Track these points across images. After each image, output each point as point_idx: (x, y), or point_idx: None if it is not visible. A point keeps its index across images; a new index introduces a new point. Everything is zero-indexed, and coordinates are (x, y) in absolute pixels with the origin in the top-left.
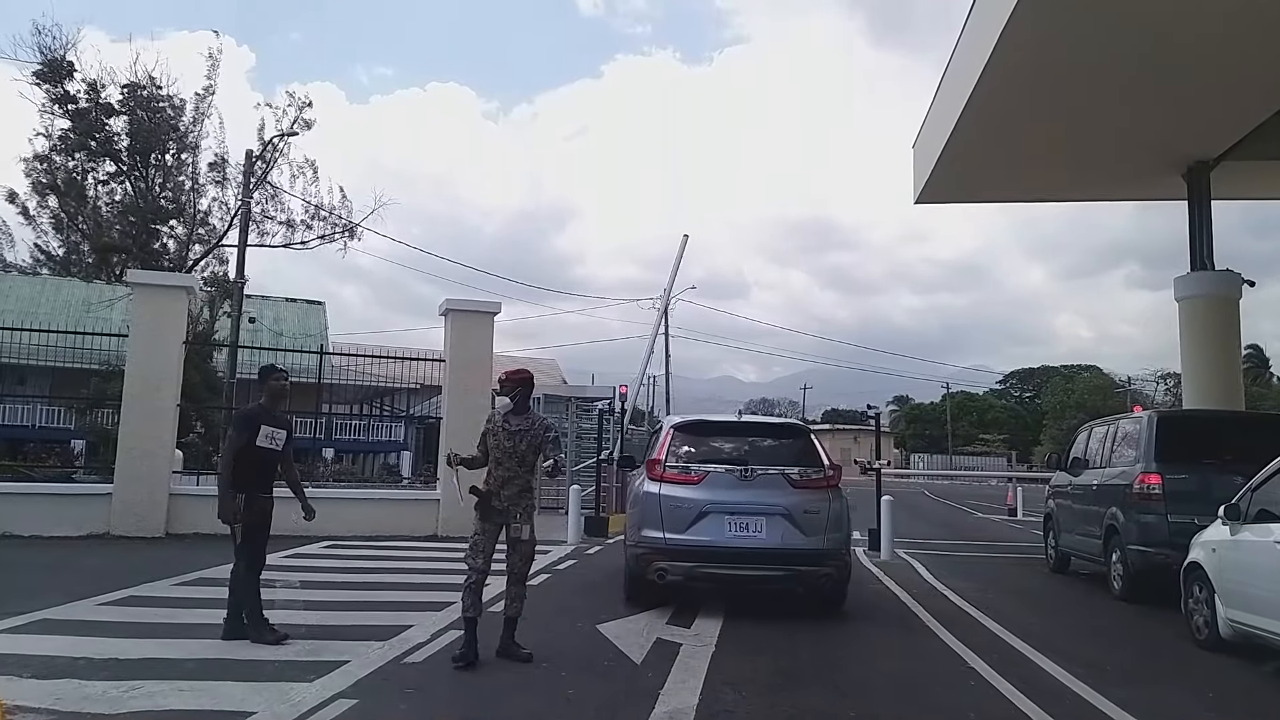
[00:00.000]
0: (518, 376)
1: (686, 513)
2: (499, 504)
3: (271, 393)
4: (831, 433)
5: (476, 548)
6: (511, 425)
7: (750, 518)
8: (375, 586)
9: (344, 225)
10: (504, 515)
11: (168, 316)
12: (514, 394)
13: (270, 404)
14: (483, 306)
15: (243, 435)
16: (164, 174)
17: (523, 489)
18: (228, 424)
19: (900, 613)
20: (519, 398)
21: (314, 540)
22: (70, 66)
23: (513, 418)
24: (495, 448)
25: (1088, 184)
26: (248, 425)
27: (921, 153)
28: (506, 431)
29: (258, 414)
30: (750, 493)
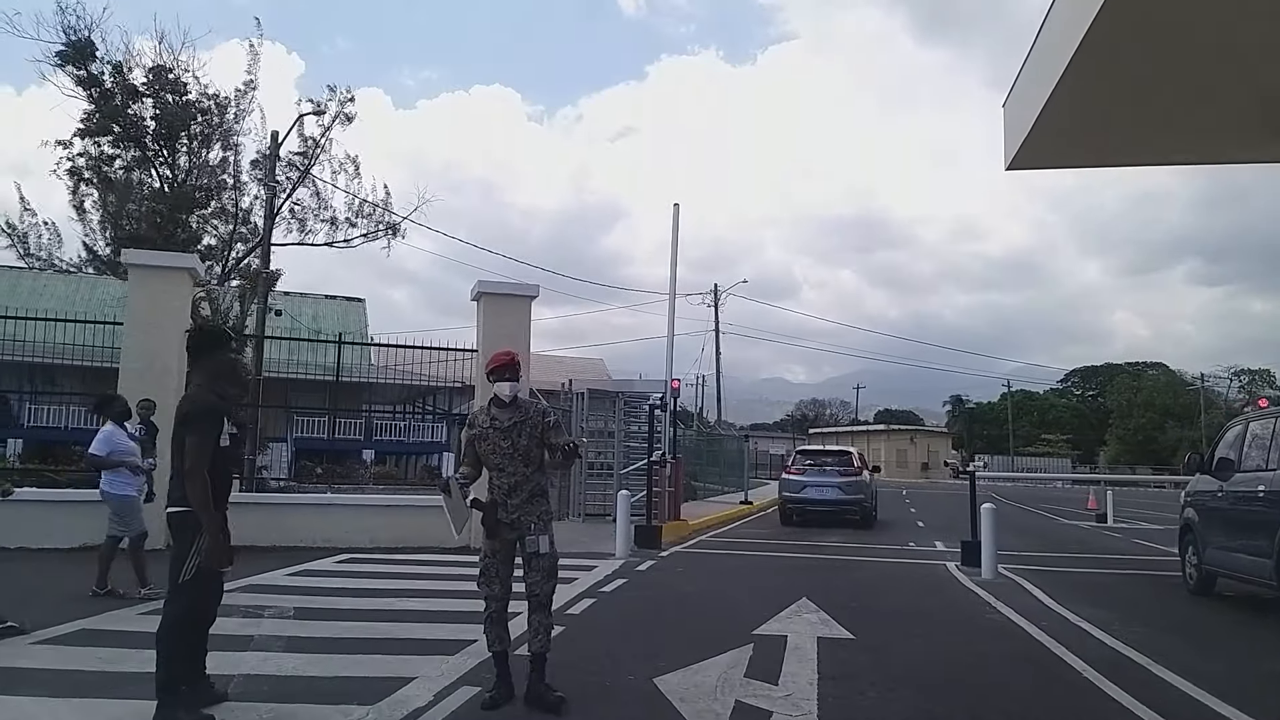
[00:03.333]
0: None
1: (798, 485)
2: (506, 515)
3: (221, 372)
4: (886, 434)
5: (489, 573)
6: (502, 421)
7: (824, 486)
8: (382, 617)
9: (387, 223)
10: (516, 528)
11: (167, 301)
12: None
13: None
14: (519, 289)
15: (214, 434)
16: (191, 159)
17: (534, 493)
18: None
19: (1042, 658)
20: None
21: (330, 553)
22: (93, 47)
23: (500, 412)
24: (491, 452)
25: (1208, 143)
26: (219, 422)
27: (1015, 113)
28: (498, 429)
29: (220, 406)
30: (823, 476)
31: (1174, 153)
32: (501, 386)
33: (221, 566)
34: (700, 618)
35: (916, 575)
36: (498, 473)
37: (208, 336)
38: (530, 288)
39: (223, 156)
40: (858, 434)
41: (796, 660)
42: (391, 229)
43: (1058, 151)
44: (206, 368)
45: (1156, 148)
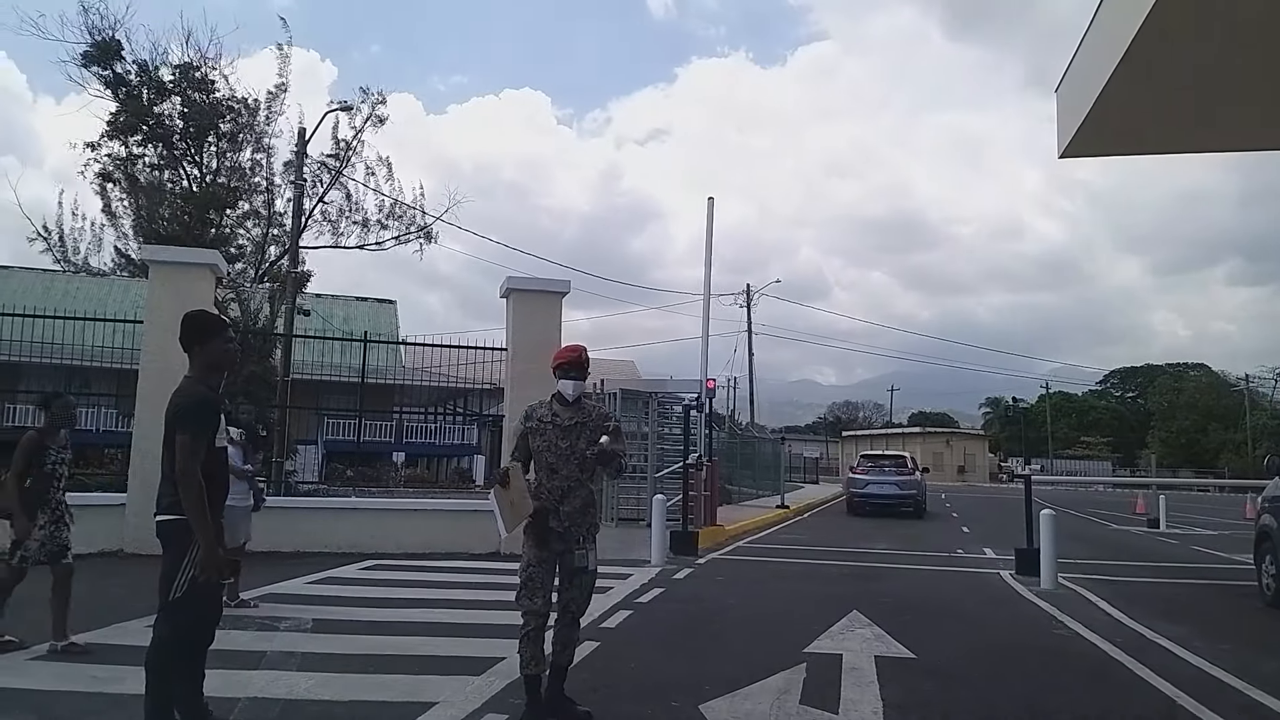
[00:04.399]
0: (583, 356)
1: (863, 482)
2: (558, 524)
3: (214, 361)
4: (921, 437)
5: (533, 583)
6: (564, 419)
7: (884, 484)
8: (404, 629)
9: (419, 225)
10: (565, 539)
11: (189, 298)
12: (586, 378)
13: (219, 376)
14: (549, 285)
15: (206, 431)
16: (219, 159)
17: (586, 503)
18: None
19: (1126, 680)
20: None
21: (355, 559)
22: (119, 46)
23: (562, 409)
24: (546, 449)
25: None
26: (213, 418)
27: (1069, 99)
28: (558, 427)
29: (214, 400)
30: (883, 475)
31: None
32: (565, 384)
33: (219, 578)
34: (745, 633)
35: (970, 585)
36: (549, 473)
37: (198, 323)
38: (561, 283)
39: (254, 159)
40: (892, 436)
41: (856, 684)
42: (423, 231)
43: (1113, 139)
44: (199, 358)
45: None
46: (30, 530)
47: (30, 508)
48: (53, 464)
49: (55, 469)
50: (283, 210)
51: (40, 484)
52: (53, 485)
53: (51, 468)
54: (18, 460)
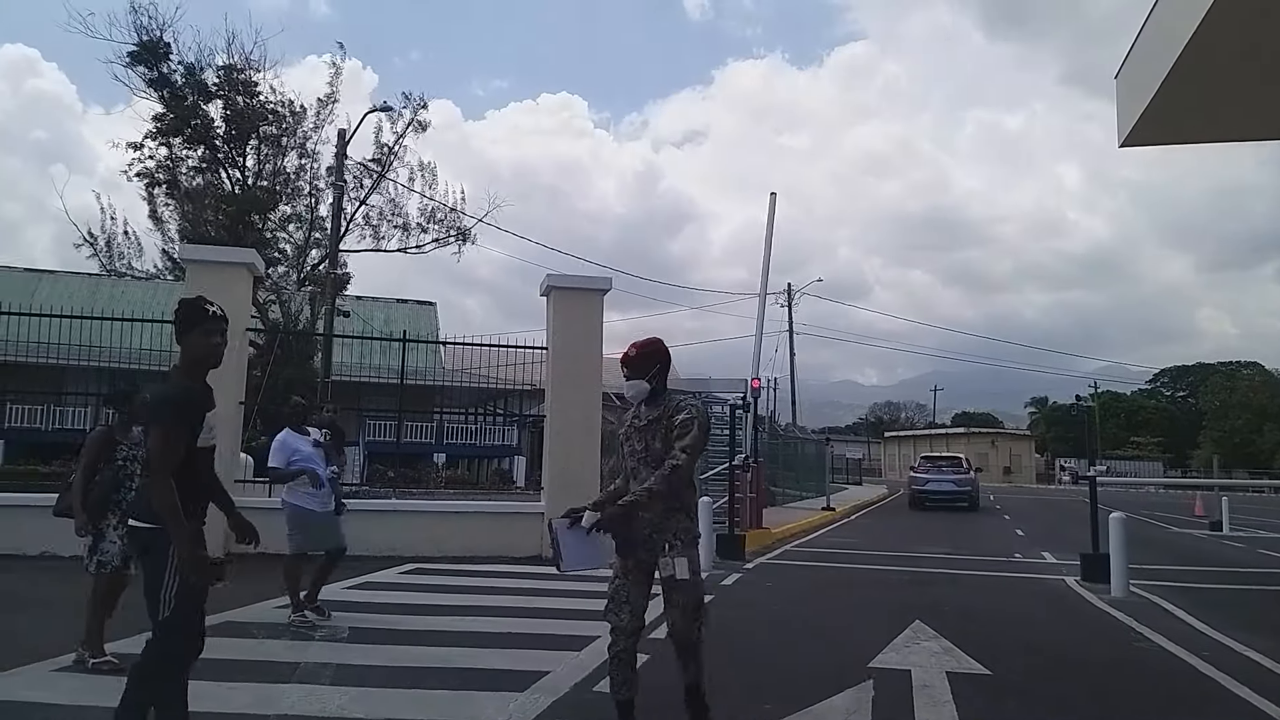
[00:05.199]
0: (649, 349)
1: (924, 480)
2: (638, 530)
3: (196, 354)
4: (966, 437)
5: (617, 597)
6: (643, 418)
7: (942, 481)
8: (445, 639)
9: (458, 228)
10: (650, 546)
11: (226, 298)
12: (651, 374)
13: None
14: (590, 283)
15: (184, 429)
16: (260, 161)
17: (670, 507)
18: None
19: (1227, 702)
20: (657, 378)
21: (396, 563)
22: (166, 48)
23: (644, 408)
24: (628, 454)
25: None
26: (191, 413)
27: (1130, 86)
28: (636, 428)
29: (196, 395)
30: (941, 474)
31: None
32: (626, 385)
33: (206, 581)
34: (803, 644)
35: (1034, 592)
36: (632, 478)
37: (181, 312)
38: (602, 281)
39: (300, 164)
40: (936, 437)
41: (929, 703)
42: (462, 234)
43: (1177, 126)
44: (184, 351)
45: None
46: (86, 527)
47: (96, 507)
48: (123, 461)
49: (126, 467)
50: (325, 215)
51: (108, 483)
52: (123, 485)
53: (122, 464)
54: (85, 455)
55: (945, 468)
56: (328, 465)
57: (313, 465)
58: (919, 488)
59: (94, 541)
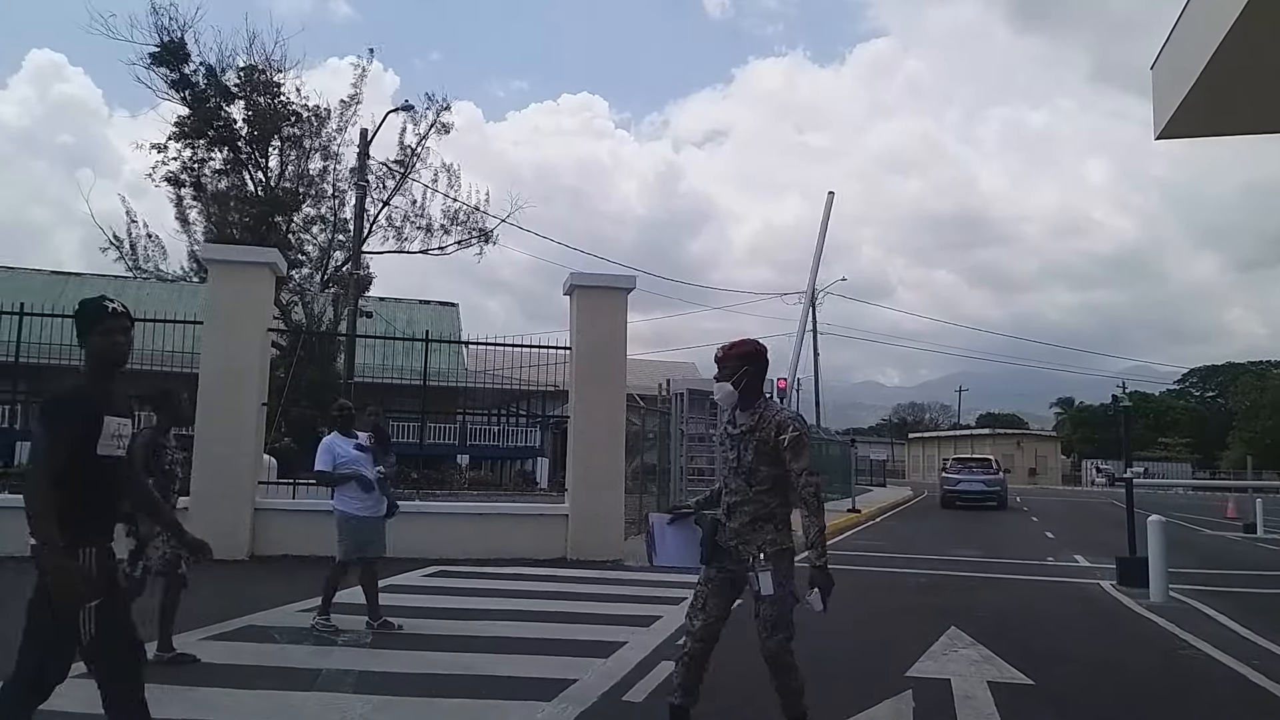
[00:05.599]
0: (738, 350)
1: (955, 480)
2: (723, 539)
3: (96, 352)
4: (991, 438)
5: (695, 602)
6: (736, 425)
7: (972, 481)
8: (469, 645)
9: (481, 230)
10: (737, 557)
11: (248, 298)
12: (737, 376)
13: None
14: (614, 281)
15: (66, 435)
16: (283, 162)
17: (756, 517)
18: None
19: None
20: (745, 381)
21: (420, 565)
22: (185, 49)
23: (738, 414)
24: (721, 461)
25: None
26: (75, 415)
27: (1167, 75)
28: (729, 435)
29: (91, 396)
30: (971, 474)
31: None
32: (715, 387)
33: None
34: (836, 652)
35: (1070, 597)
36: (725, 488)
37: (78, 311)
38: (626, 279)
39: (323, 166)
40: (961, 438)
41: (972, 715)
42: (484, 235)
43: (1217, 117)
44: (86, 352)
45: None
46: (154, 533)
47: None
48: (170, 464)
49: (173, 469)
50: (348, 217)
51: (160, 486)
52: (171, 488)
53: (169, 468)
54: (135, 459)
55: (975, 468)
56: (375, 467)
57: (360, 469)
58: (950, 487)
59: (139, 546)
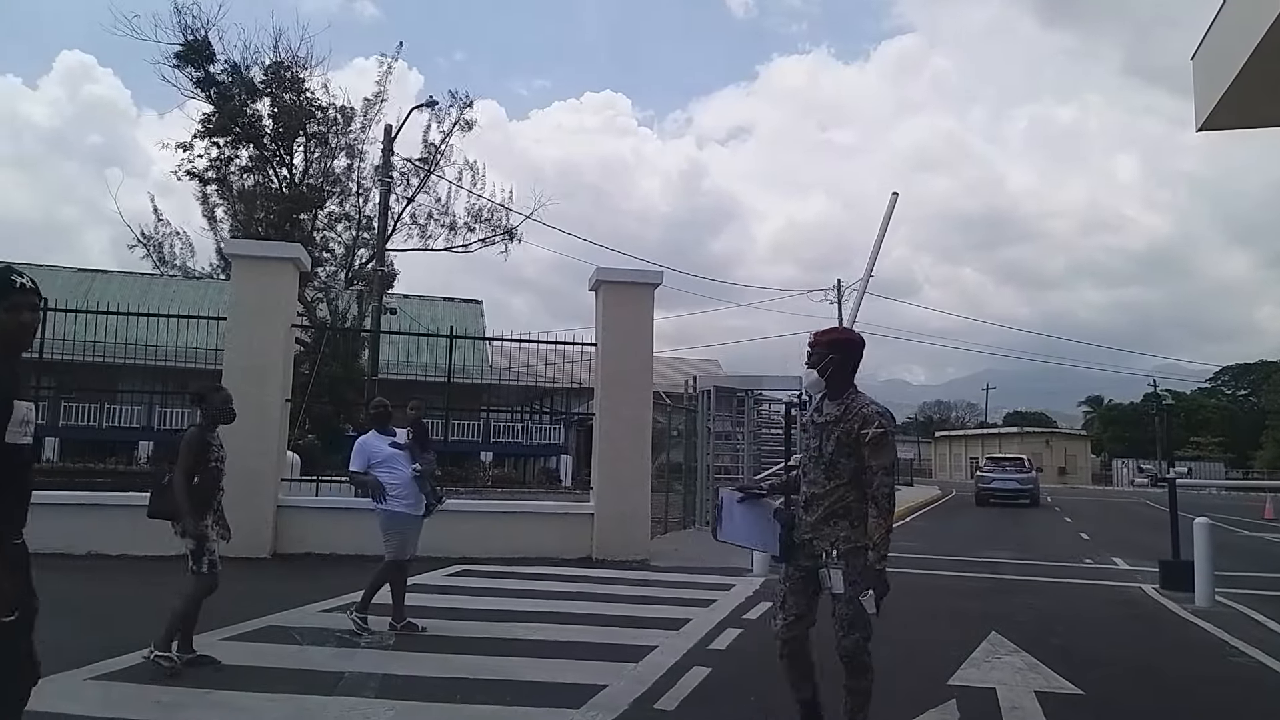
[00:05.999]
0: (828, 337)
1: (989, 479)
2: (799, 533)
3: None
4: (1019, 437)
5: (777, 601)
6: (822, 414)
7: (1006, 479)
8: (493, 648)
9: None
10: (810, 552)
11: (272, 293)
12: (824, 364)
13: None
14: (640, 277)
15: None
16: (307, 158)
17: (831, 512)
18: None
19: None
20: (831, 370)
21: (443, 564)
22: (209, 48)
23: (826, 404)
24: (803, 449)
25: None
26: None
27: (1209, 67)
28: (815, 423)
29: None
30: (1005, 473)
31: None
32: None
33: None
34: (877, 659)
35: (1112, 600)
36: (804, 478)
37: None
38: (653, 274)
39: (348, 164)
40: (988, 437)
41: None
42: (508, 233)
43: (1261, 108)
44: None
45: None
46: (199, 528)
47: (200, 508)
48: (216, 461)
49: (219, 467)
50: (373, 215)
51: (207, 483)
52: (218, 485)
53: (215, 465)
54: (185, 457)
55: (1009, 467)
56: (411, 464)
57: (390, 469)
58: (985, 485)
59: (199, 543)
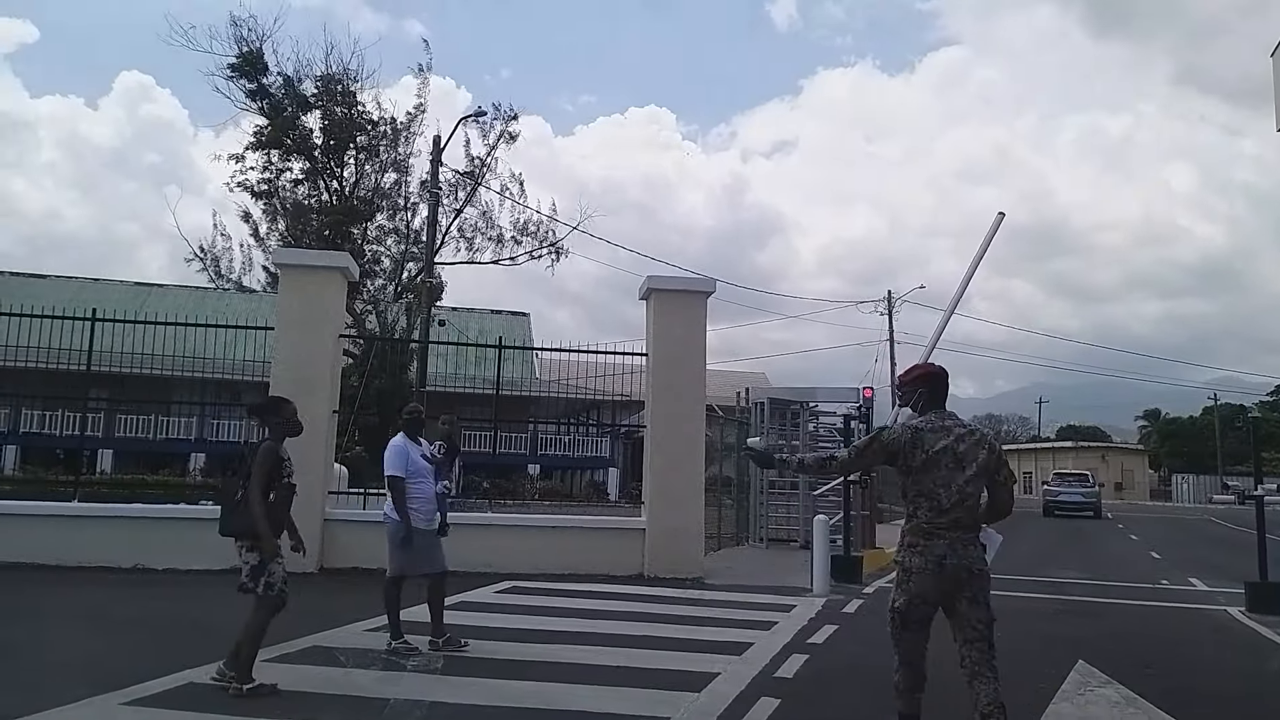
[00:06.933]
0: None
1: (1056, 492)
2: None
3: None
4: (1074, 451)
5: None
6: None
7: (1071, 493)
8: (548, 673)
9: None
10: None
11: (320, 303)
12: (914, 399)
13: None
14: (693, 284)
15: None
16: (358, 171)
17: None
18: None
19: None
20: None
21: (493, 580)
22: (263, 61)
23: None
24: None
25: None
26: None
27: None
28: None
29: None
30: (1070, 487)
31: None
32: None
33: None
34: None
35: (1198, 624)
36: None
37: None
38: (706, 282)
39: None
40: (1042, 451)
41: None
42: (554, 246)
43: None
44: None
45: None
46: (277, 549)
47: (277, 525)
48: (288, 477)
49: (292, 483)
50: (420, 228)
51: (281, 500)
52: (292, 499)
53: (288, 481)
54: (259, 473)
55: (1074, 482)
56: (438, 481)
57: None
58: (1052, 498)
59: (260, 562)
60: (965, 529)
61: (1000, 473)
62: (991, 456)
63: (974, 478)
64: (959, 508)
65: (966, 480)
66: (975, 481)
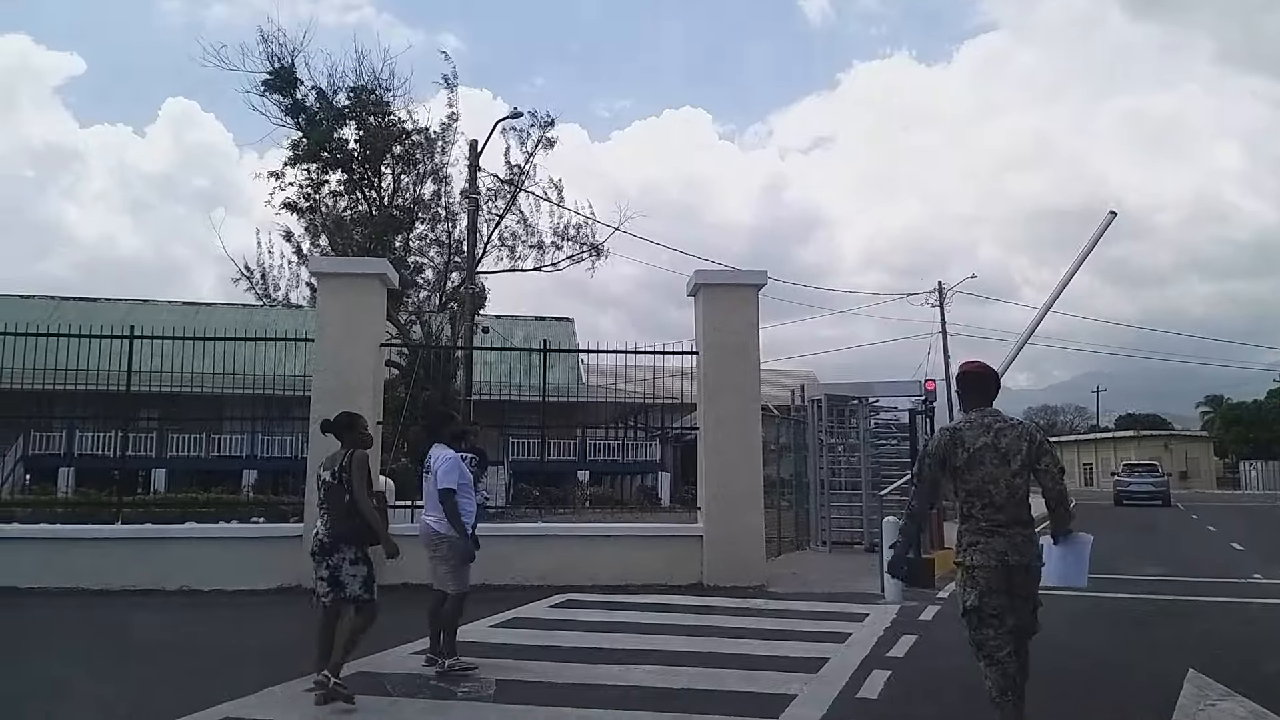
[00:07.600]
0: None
1: (1126, 482)
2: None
3: None
4: (1136, 441)
5: None
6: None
7: (1141, 483)
8: (609, 698)
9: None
10: None
11: (359, 311)
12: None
13: None
14: (743, 278)
15: None
16: (395, 181)
17: None
18: None
19: None
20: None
21: (544, 593)
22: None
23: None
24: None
25: None
26: None
27: None
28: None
29: None
30: (1140, 478)
31: None
32: None
33: None
34: (1059, 702)
35: None
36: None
37: None
38: (756, 275)
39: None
40: (1102, 441)
41: None
42: (595, 249)
43: None
44: None
45: None
46: (398, 549)
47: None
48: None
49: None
50: (461, 238)
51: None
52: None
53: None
54: (357, 481)
55: (1143, 472)
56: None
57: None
58: (1122, 488)
59: (334, 572)
60: (1024, 524)
61: (1041, 461)
62: (1032, 447)
63: (1020, 470)
64: (1012, 502)
65: (1014, 474)
66: (1023, 474)
